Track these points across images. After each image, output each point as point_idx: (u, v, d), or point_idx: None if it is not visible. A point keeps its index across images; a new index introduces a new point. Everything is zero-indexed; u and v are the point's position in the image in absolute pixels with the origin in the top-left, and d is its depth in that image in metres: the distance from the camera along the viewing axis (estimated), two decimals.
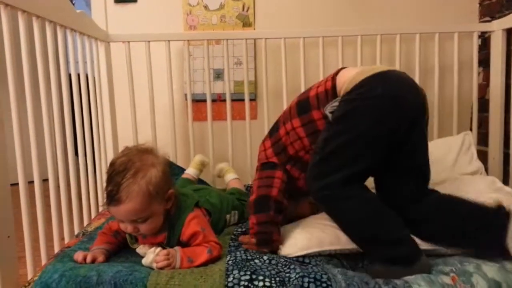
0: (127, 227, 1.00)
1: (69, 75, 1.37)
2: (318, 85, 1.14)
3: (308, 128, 1.10)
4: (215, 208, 1.21)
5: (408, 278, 0.91)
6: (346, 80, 1.05)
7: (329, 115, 1.05)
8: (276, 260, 1.00)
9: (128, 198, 0.95)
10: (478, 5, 1.94)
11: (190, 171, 1.59)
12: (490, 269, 0.93)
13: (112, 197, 0.96)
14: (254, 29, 1.96)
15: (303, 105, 1.13)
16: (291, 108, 1.17)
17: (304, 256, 1.03)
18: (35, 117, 1.10)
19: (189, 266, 0.97)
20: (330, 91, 1.08)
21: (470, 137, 1.58)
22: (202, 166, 1.62)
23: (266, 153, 1.19)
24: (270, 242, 1.07)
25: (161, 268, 0.95)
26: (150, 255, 0.97)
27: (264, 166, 1.18)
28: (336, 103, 1.05)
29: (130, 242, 1.10)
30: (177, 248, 1.01)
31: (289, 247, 1.06)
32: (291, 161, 1.15)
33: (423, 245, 1.01)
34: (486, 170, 1.75)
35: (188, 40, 1.80)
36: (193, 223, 1.05)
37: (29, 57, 1.10)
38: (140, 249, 1.04)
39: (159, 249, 0.99)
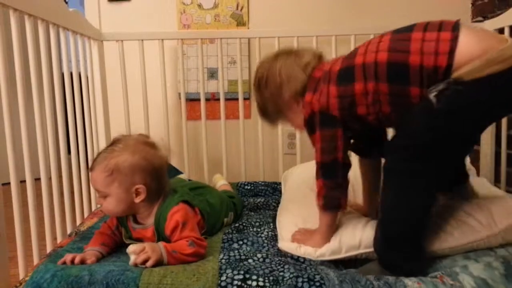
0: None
1: (62, 74, 1.36)
2: (424, 49, 0.87)
3: (397, 101, 0.91)
4: (213, 210, 1.20)
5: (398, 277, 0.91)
6: (469, 59, 0.83)
7: (434, 100, 0.86)
8: (270, 259, 1.00)
9: (95, 168, 1.04)
10: (470, 5, 1.95)
11: None
12: (476, 267, 0.94)
13: (92, 163, 1.07)
14: (248, 28, 1.96)
15: (398, 72, 0.90)
16: (379, 65, 0.92)
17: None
18: (27, 116, 1.10)
19: (175, 258, 0.97)
20: (443, 70, 0.85)
21: None
22: None
23: (329, 101, 1.00)
24: (338, 206, 1.04)
25: (143, 263, 0.94)
26: (132, 255, 0.97)
27: (324, 120, 1.02)
28: (442, 86, 0.85)
29: (124, 236, 1.11)
30: (159, 242, 1.01)
31: (289, 248, 1.06)
32: (352, 118, 1.00)
33: None
34: (478, 168, 1.76)
35: (181, 39, 1.79)
36: (175, 216, 1.04)
37: (21, 55, 1.09)
38: (128, 251, 1.04)
39: (135, 247, 0.98)
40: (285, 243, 1.09)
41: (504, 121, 1.66)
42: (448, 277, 0.91)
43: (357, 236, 1.05)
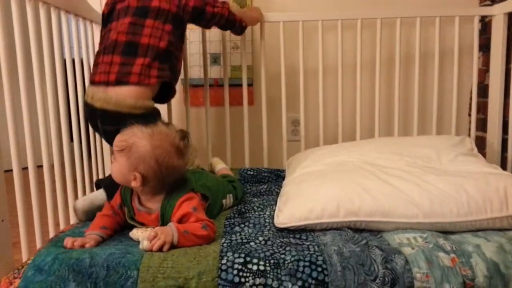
0: None
1: (64, 61, 1.36)
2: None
3: None
4: (212, 192, 1.20)
5: (408, 258, 0.90)
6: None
7: None
8: (272, 241, 1.00)
9: (121, 132, 1.07)
10: None
11: None
12: (489, 248, 0.93)
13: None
14: None
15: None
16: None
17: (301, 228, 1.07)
18: (29, 102, 1.09)
19: (187, 238, 0.96)
20: None
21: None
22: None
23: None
24: None
25: (160, 249, 0.94)
26: (144, 241, 0.97)
27: None
28: None
29: (127, 216, 1.11)
30: (170, 223, 1.00)
31: (287, 217, 1.07)
32: None
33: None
34: (484, 155, 1.74)
35: None
36: (184, 205, 1.04)
37: (23, 40, 1.08)
38: (133, 235, 1.04)
39: (148, 232, 0.98)
40: (283, 219, 1.09)
41: (511, 107, 1.63)
42: (460, 258, 0.91)
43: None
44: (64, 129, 1.31)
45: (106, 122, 1.27)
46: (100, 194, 1.23)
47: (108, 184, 1.21)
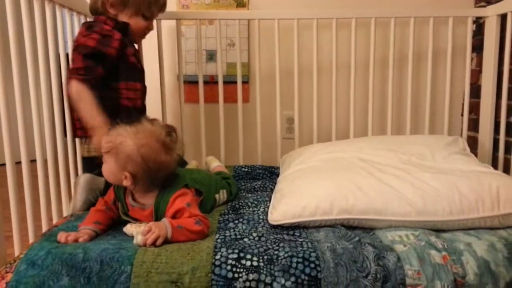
0: None
1: (58, 55, 1.35)
2: None
3: None
4: (205, 187, 1.21)
5: (400, 255, 0.91)
6: None
7: None
8: (265, 237, 1.00)
9: (110, 133, 1.06)
10: None
11: None
12: (480, 247, 0.94)
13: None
14: (248, 9, 1.93)
15: None
16: None
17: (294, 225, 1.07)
18: (22, 97, 1.08)
19: (180, 233, 0.97)
20: None
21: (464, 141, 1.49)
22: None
23: None
24: None
25: (154, 243, 0.94)
26: (138, 236, 0.97)
27: None
28: None
29: (120, 211, 1.11)
30: (163, 219, 1.01)
31: (281, 214, 1.08)
32: None
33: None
34: (476, 155, 1.76)
35: (179, 19, 1.76)
36: (178, 201, 1.04)
37: (17, 34, 1.07)
38: (127, 230, 1.04)
39: (142, 227, 0.98)
40: (277, 216, 1.09)
41: (503, 108, 1.65)
42: (451, 256, 0.92)
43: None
44: (58, 123, 1.30)
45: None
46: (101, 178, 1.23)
47: None
